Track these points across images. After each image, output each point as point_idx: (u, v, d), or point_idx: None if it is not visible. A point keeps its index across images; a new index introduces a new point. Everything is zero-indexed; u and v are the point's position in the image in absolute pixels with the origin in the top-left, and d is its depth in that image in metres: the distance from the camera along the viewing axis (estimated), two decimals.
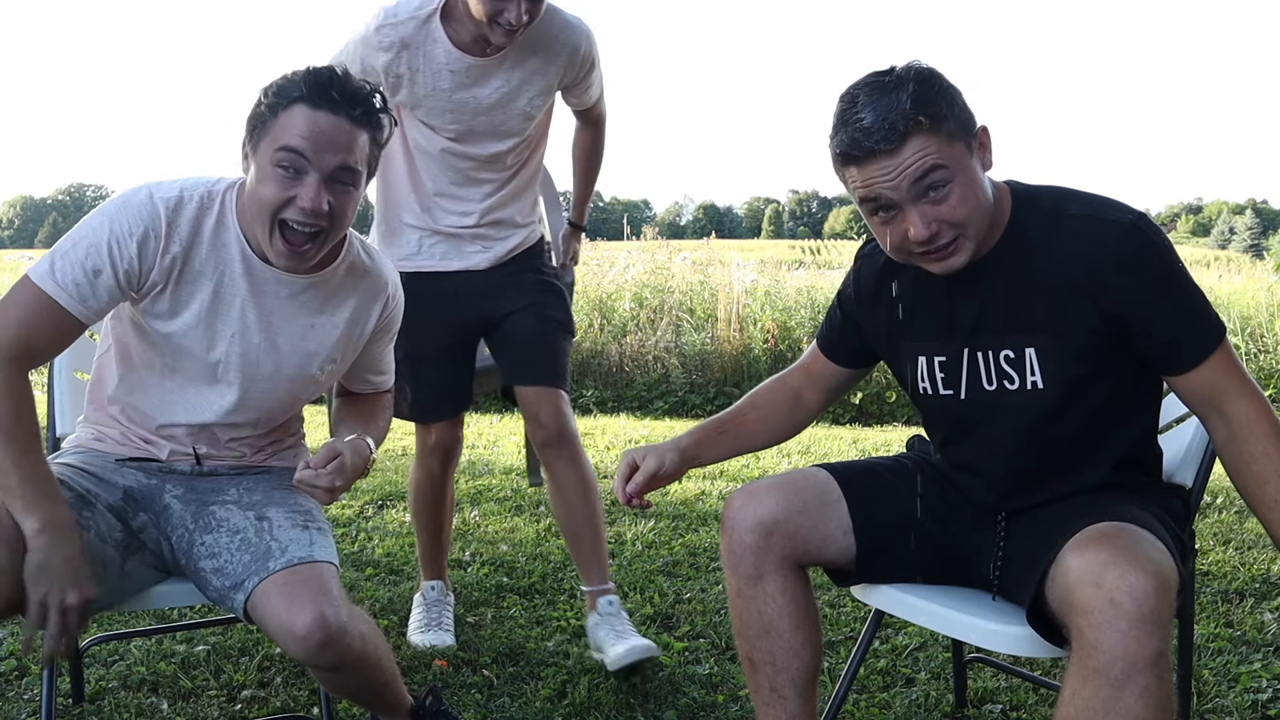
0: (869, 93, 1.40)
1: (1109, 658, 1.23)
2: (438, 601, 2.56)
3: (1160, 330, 1.44)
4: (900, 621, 2.52)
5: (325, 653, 1.51)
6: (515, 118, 2.26)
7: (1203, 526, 3.39)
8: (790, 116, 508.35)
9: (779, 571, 1.58)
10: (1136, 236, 1.41)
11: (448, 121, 2.24)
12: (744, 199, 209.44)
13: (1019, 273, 1.48)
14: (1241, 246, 75.52)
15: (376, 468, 4.40)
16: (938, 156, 1.38)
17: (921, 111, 1.37)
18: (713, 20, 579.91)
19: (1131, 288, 1.42)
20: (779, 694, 1.60)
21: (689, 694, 2.20)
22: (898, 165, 1.38)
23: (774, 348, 6.92)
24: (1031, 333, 1.48)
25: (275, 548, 1.60)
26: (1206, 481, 1.65)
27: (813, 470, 1.66)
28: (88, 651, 2.30)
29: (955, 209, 1.40)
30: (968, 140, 1.42)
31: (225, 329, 1.67)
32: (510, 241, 2.37)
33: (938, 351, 1.58)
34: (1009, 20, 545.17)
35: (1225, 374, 1.44)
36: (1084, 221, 1.45)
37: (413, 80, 2.19)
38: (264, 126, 1.55)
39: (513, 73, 2.20)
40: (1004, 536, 1.55)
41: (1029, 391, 1.50)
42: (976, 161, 1.44)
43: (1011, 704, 2.15)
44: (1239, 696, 2.16)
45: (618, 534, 3.36)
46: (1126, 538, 1.32)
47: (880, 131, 1.37)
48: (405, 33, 2.15)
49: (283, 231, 1.57)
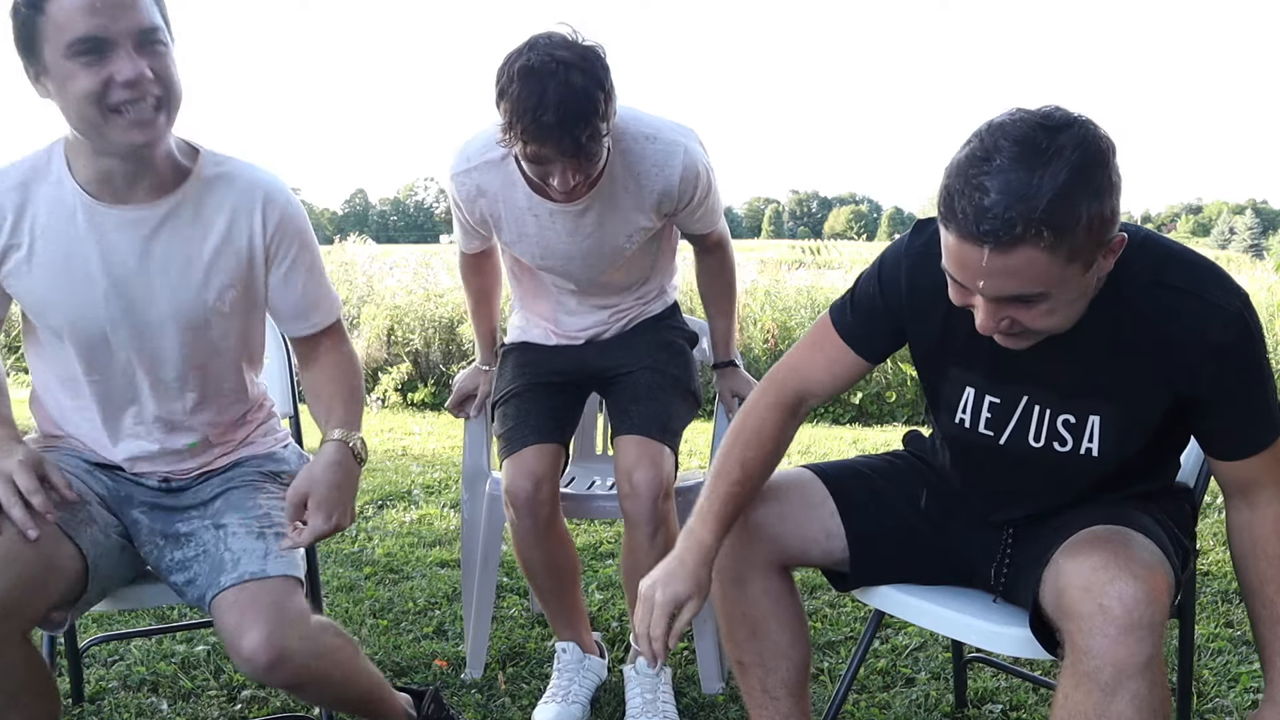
0: (1014, 154, 1.14)
1: (1099, 663, 1.23)
2: (569, 668, 2.15)
3: (1223, 420, 1.37)
4: (900, 621, 2.52)
5: (275, 674, 1.46)
6: (617, 252, 2.05)
7: (1203, 526, 3.39)
8: (791, 116, 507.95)
9: (762, 574, 1.55)
10: (1237, 328, 1.29)
11: (544, 261, 2.07)
12: (744, 199, 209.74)
13: (1103, 338, 1.33)
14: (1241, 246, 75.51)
15: (376, 468, 4.40)
16: (1038, 283, 1.19)
17: (1052, 221, 1.13)
18: (713, 20, 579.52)
19: (1216, 378, 1.32)
20: (770, 695, 1.59)
21: (689, 694, 2.20)
22: (992, 267, 1.17)
23: (774, 348, 6.92)
24: (1102, 400, 1.38)
25: (228, 559, 1.52)
26: (1208, 483, 1.65)
27: (798, 472, 1.62)
28: (88, 651, 2.30)
29: (1037, 319, 1.25)
30: (1091, 257, 1.19)
31: (93, 291, 1.53)
32: (640, 319, 2.24)
33: (992, 391, 1.45)
34: (1009, 20, 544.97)
35: (1268, 469, 1.37)
36: (1184, 298, 1.30)
37: (498, 225, 2.03)
38: (36, 32, 1.37)
39: (603, 216, 1.97)
40: (1010, 542, 1.54)
41: (1080, 457, 1.42)
42: (1094, 273, 1.23)
43: (1011, 704, 2.14)
44: (1239, 696, 2.16)
45: (617, 533, 3.36)
46: (1120, 542, 1.31)
47: (994, 223, 1.14)
48: (480, 179, 1.97)
49: (119, 115, 1.40)
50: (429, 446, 4.98)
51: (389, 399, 6.39)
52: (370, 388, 6.58)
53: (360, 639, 2.50)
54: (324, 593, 2.65)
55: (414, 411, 6.25)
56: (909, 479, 1.65)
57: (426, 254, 8.29)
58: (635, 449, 2.01)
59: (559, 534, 2.08)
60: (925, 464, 1.67)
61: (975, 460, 1.54)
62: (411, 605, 2.73)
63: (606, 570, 3.00)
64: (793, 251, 53.65)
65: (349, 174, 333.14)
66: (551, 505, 2.03)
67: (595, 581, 2.91)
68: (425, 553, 3.18)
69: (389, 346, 6.80)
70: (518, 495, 2.00)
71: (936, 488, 1.63)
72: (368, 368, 6.73)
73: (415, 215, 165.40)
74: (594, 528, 3.43)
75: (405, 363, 6.53)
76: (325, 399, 1.69)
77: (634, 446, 2.02)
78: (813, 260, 15.25)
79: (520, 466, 2.02)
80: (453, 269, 7.56)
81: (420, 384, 6.46)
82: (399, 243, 75.22)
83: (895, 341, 1.52)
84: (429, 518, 3.61)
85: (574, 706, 2.07)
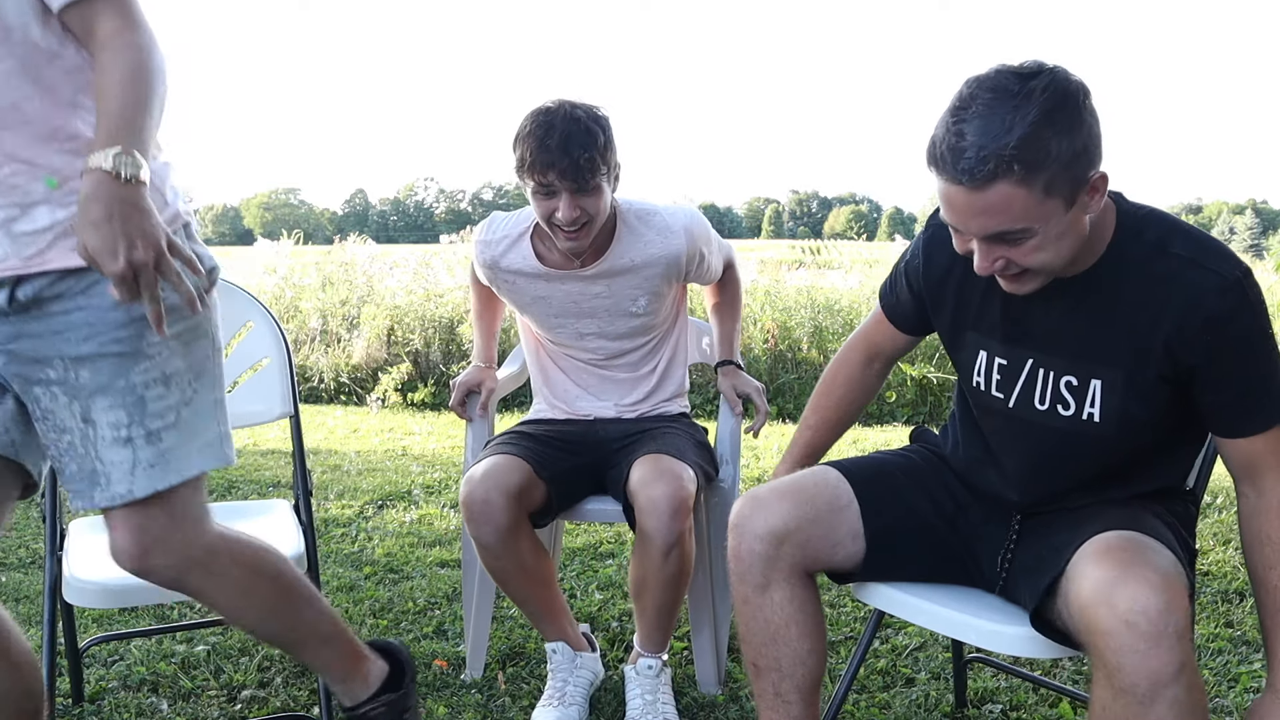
0: (988, 100, 1.24)
1: (1133, 679, 1.23)
2: (561, 669, 2.14)
3: (1225, 394, 1.38)
4: (900, 621, 2.52)
5: (150, 579, 1.44)
6: (628, 317, 2.20)
7: (1203, 526, 3.38)
8: (791, 116, 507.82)
9: (787, 581, 1.55)
10: (1234, 295, 1.33)
11: (555, 333, 2.24)
12: (744, 199, 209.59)
13: (1106, 302, 1.40)
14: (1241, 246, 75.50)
15: (376, 468, 4.40)
16: (1019, 218, 1.27)
17: (1023, 157, 1.22)
18: (713, 20, 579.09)
19: (1212, 347, 1.35)
20: (783, 699, 1.59)
21: (689, 694, 2.20)
22: (973, 205, 1.27)
23: (774, 348, 6.91)
24: (1103, 365, 1.42)
25: (99, 472, 1.39)
26: (1207, 482, 1.65)
27: (823, 471, 1.63)
28: (88, 651, 2.30)
29: (1026, 255, 1.32)
30: (1071, 192, 1.27)
31: None
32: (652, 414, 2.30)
33: (1000, 354, 1.52)
34: (1009, 20, 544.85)
35: (1272, 451, 1.38)
36: (1185, 264, 1.35)
37: (513, 289, 2.21)
38: None
39: (613, 282, 2.15)
40: (1016, 535, 1.54)
41: (1083, 421, 1.45)
42: (1078, 210, 1.30)
43: (1011, 704, 2.14)
44: (1239, 696, 2.16)
45: (618, 533, 3.36)
46: (1134, 550, 1.31)
47: (969, 162, 1.24)
48: (496, 253, 2.18)
49: None
50: (429, 446, 4.98)
51: (389, 399, 6.39)
52: (370, 388, 6.58)
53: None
54: (324, 593, 2.64)
55: (414, 411, 6.25)
56: (926, 474, 1.66)
57: (426, 254, 8.27)
58: (651, 465, 1.98)
59: (526, 544, 2.03)
60: (939, 458, 1.69)
61: (992, 426, 1.58)
62: (411, 605, 2.73)
63: (606, 570, 3.00)
64: (793, 251, 53.59)
65: (349, 174, 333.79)
66: (512, 516, 1.97)
67: (595, 581, 2.91)
68: (425, 553, 3.18)
69: (389, 346, 6.80)
70: (472, 504, 1.96)
71: (948, 482, 1.65)
72: (368, 368, 6.73)
73: (415, 215, 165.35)
74: (594, 528, 3.43)
75: (405, 363, 6.53)
76: (99, 110, 1.30)
77: (649, 463, 1.99)
78: (813, 260, 15.21)
79: (475, 478, 1.99)
80: (453, 269, 7.57)
81: (420, 384, 6.46)
82: (399, 243, 75.24)
83: (922, 315, 1.66)
84: (429, 518, 3.61)
85: (571, 709, 2.07)
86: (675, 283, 2.22)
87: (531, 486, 2.02)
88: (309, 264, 7.95)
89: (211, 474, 4.31)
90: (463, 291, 6.87)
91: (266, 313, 2.14)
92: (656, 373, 2.30)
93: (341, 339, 6.98)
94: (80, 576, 1.76)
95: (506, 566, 2.03)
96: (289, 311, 7.29)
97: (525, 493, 2.01)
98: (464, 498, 1.99)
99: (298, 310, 7.27)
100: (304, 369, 6.74)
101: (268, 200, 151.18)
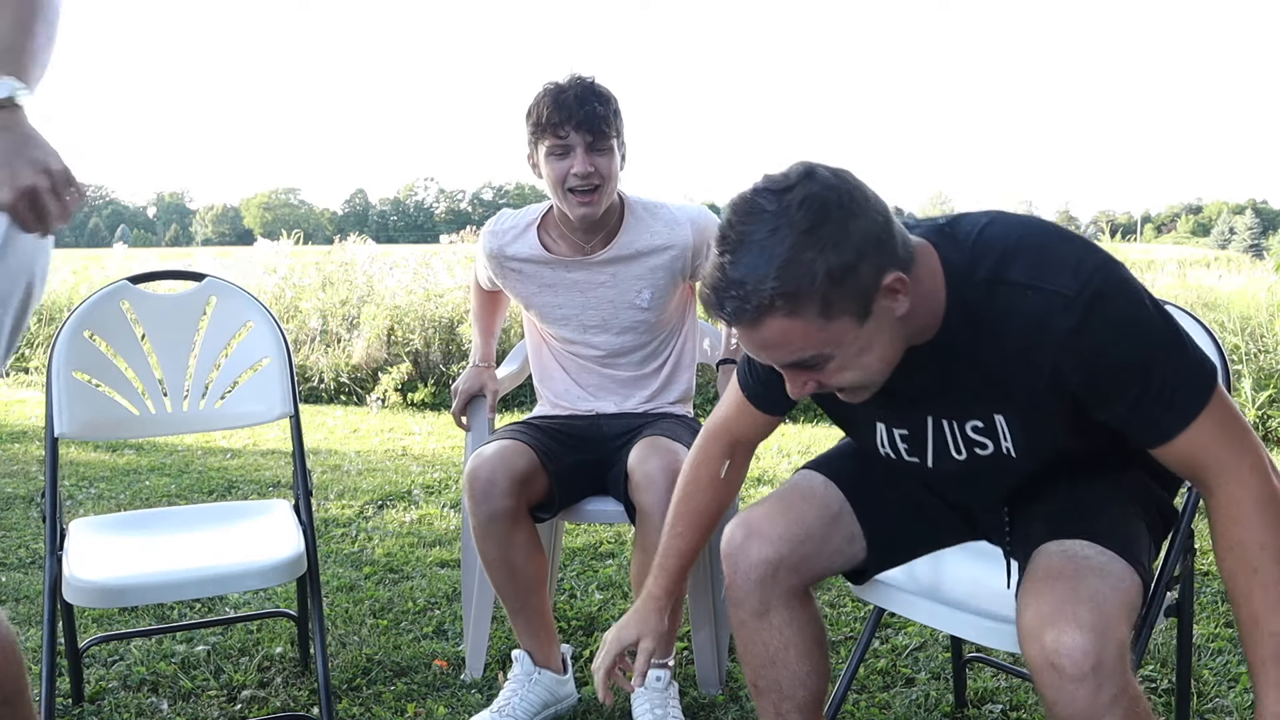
0: (744, 230, 1.16)
1: (1068, 712, 1.23)
2: (516, 679, 2.09)
3: (1116, 408, 1.24)
4: (900, 621, 2.52)
5: None
6: (632, 310, 2.19)
7: (1203, 526, 3.38)
8: (790, 116, 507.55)
9: (785, 605, 1.53)
10: (1078, 310, 1.19)
11: (559, 326, 2.23)
12: None
13: (970, 351, 1.28)
14: (1241, 246, 75.45)
15: (376, 468, 4.41)
16: (804, 348, 1.19)
17: (784, 289, 1.13)
18: (713, 20, 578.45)
19: (1081, 369, 1.22)
20: (783, 718, 1.58)
21: (689, 694, 2.20)
22: (753, 341, 1.20)
23: None
24: (995, 402, 1.34)
25: None
26: None
27: (807, 478, 1.59)
28: (88, 651, 2.30)
29: (832, 378, 1.24)
30: (861, 306, 1.17)
31: None
32: (655, 410, 2.28)
33: (897, 424, 1.45)
34: (1009, 20, 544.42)
35: (1205, 447, 1.23)
36: (1023, 293, 1.22)
37: (519, 277, 2.21)
38: None
39: (618, 271, 2.16)
40: (1009, 522, 1.52)
41: (1004, 456, 1.38)
42: (876, 319, 1.19)
43: (1011, 704, 2.15)
44: (1239, 696, 2.16)
45: (618, 533, 3.36)
46: (1073, 577, 1.27)
47: (734, 303, 1.16)
48: (503, 241, 2.20)
49: None
50: (429, 446, 4.99)
51: (389, 399, 6.38)
52: (370, 388, 6.58)
53: (360, 639, 2.50)
54: (324, 593, 2.65)
55: (414, 411, 6.24)
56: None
57: (426, 254, 8.25)
58: (646, 447, 2.01)
59: (523, 539, 2.01)
60: None
61: (922, 483, 1.55)
62: (411, 605, 2.73)
63: (607, 570, 3.00)
64: None
65: (349, 174, 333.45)
66: (512, 502, 1.96)
67: (595, 581, 2.91)
68: (425, 553, 3.18)
69: (389, 346, 6.79)
70: (476, 481, 1.96)
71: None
72: (368, 368, 6.73)
73: (415, 215, 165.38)
74: (593, 528, 3.43)
75: (405, 363, 6.52)
76: None
77: (645, 444, 2.02)
78: None
79: (484, 456, 2.00)
80: (453, 269, 7.55)
81: (420, 384, 6.45)
82: (399, 243, 75.27)
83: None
84: (429, 518, 3.61)
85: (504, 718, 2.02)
86: (681, 280, 2.21)
87: (536, 476, 2.03)
88: (309, 264, 7.94)
89: (212, 474, 4.32)
90: (463, 291, 6.87)
91: (266, 313, 2.15)
92: (661, 374, 2.29)
93: (341, 339, 6.98)
94: (80, 576, 1.76)
95: (495, 554, 2.00)
96: (289, 311, 7.29)
97: (530, 481, 2.01)
98: (469, 474, 1.98)
99: (298, 310, 7.26)
100: (304, 369, 6.74)
101: (268, 200, 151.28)
